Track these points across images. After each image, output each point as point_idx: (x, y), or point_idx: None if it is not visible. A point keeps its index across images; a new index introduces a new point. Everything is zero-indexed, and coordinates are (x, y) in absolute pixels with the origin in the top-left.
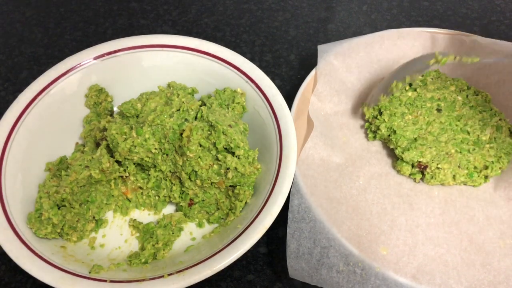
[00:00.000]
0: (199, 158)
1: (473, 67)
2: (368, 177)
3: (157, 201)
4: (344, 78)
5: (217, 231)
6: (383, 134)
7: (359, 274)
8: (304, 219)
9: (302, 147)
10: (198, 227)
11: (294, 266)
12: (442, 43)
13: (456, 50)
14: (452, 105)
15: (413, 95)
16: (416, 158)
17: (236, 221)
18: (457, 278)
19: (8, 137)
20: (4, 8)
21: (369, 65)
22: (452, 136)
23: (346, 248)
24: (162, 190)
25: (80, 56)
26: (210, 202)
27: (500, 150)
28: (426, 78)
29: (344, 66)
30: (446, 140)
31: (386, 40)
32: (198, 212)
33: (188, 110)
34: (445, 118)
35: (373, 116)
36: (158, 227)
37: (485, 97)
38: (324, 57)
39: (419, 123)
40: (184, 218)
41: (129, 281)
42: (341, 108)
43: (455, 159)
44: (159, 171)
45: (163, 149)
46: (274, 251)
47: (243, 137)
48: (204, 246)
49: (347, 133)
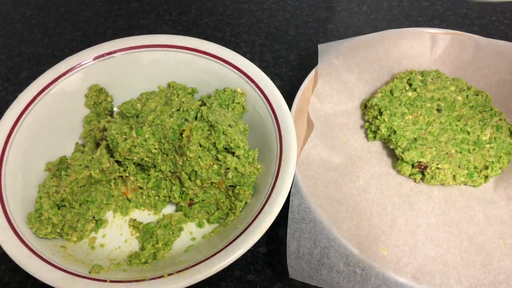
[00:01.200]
0: (199, 158)
1: (473, 67)
2: (368, 177)
3: (157, 201)
4: (345, 78)
5: (217, 231)
6: (383, 134)
7: (359, 274)
8: (304, 220)
9: (302, 147)
10: (198, 227)
11: (295, 267)
12: (442, 43)
13: (457, 51)
14: (452, 105)
15: (413, 95)
16: (416, 158)
17: (236, 221)
18: (457, 278)
19: (8, 137)
20: (4, 8)
21: (369, 65)
22: (452, 136)
23: (346, 248)
24: (162, 190)
25: (80, 56)
26: (210, 202)
27: (500, 150)
28: (426, 78)
29: (344, 66)
30: (446, 140)
31: (386, 40)
32: (198, 212)
33: (188, 110)
34: (445, 118)
35: (373, 116)
36: (158, 227)
37: (485, 97)
38: (324, 57)
39: (419, 123)
40: (184, 218)
41: (129, 281)
42: (341, 108)
43: (455, 159)
44: (159, 171)
45: (163, 149)
46: (274, 251)
47: (243, 137)
48: (204, 246)
49: (347, 133)
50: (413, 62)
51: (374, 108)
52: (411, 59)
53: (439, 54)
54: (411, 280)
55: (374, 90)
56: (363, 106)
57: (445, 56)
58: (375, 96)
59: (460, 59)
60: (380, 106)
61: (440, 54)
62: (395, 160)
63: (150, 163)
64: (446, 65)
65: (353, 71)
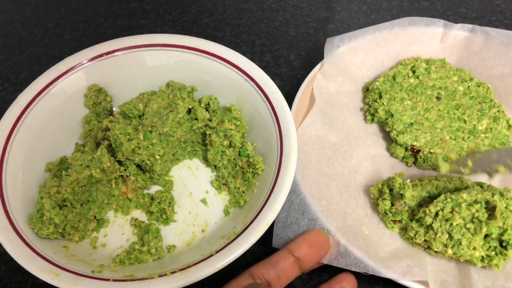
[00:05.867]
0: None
1: (478, 57)
2: (361, 158)
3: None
4: (348, 60)
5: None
6: (381, 116)
7: (343, 245)
8: (295, 192)
9: (300, 122)
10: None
11: (280, 234)
12: (453, 31)
13: (467, 40)
14: (452, 95)
15: (415, 82)
16: (410, 142)
17: (248, 205)
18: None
19: (9, 138)
20: (4, 8)
21: (375, 49)
22: (448, 123)
23: (333, 220)
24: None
25: (79, 56)
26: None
27: (495, 140)
28: (431, 66)
29: (349, 49)
30: (442, 127)
31: (396, 25)
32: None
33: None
34: (444, 106)
35: (373, 99)
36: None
37: (487, 89)
38: (330, 41)
39: (417, 109)
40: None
41: (132, 280)
42: (344, 88)
43: (449, 145)
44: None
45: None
46: (274, 251)
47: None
48: (206, 243)
49: (347, 113)
50: (422, 48)
51: (375, 91)
52: (420, 44)
53: (449, 42)
54: (390, 256)
55: (377, 74)
56: (365, 89)
57: (455, 45)
58: (377, 80)
59: (468, 49)
60: (381, 90)
61: (450, 42)
62: (390, 143)
63: (148, 167)
64: (453, 53)
65: (358, 55)
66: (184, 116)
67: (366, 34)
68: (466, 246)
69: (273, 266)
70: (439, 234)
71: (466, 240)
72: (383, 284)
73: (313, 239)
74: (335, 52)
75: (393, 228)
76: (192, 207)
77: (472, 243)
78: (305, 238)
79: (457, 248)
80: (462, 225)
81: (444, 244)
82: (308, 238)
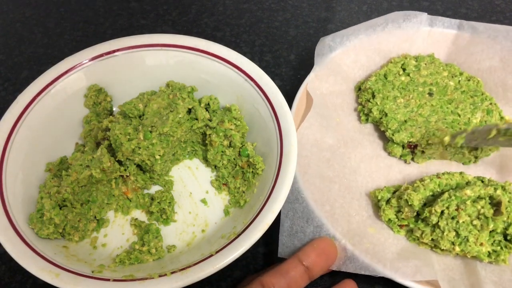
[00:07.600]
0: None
1: (466, 52)
2: (359, 159)
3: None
4: (339, 60)
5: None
6: (375, 117)
7: (350, 250)
8: (297, 200)
9: (298, 125)
10: (202, 232)
11: (286, 244)
12: (441, 28)
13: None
14: (443, 90)
15: (406, 80)
16: (406, 139)
17: (248, 205)
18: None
19: (9, 138)
20: (4, 8)
21: (366, 48)
22: (442, 117)
23: (339, 225)
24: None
25: (79, 56)
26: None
27: None
28: (420, 63)
29: (340, 48)
30: (436, 120)
31: (390, 22)
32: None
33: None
34: (436, 101)
35: (366, 99)
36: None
37: (477, 82)
38: (322, 40)
39: (410, 106)
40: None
41: (132, 280)
42: (336, 88)
43: (446, 132)
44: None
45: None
46: (274, 251)
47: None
48: (206, 243)
49: (341, 114)
50: (410, 45)
51: (367, 91)
52: (408, 40)
53: (436, 37)
54: (397, 257)
55: (369, 73)
56: (357, 88)
57: (443, 40)
58: (369, 80)
59: (456, 44)
60: (374, 90)
61: (438, 38)
62: (386, 142)
63: (148, 167)
64: (441, 48)
65: (349, 54)
66: (184, 116)
67: (359, 33)
68: (473, 242)
69: (284, 275)
70: (446, 232)
71: (473, 236)
72: (383, 284)
73: (322, 247)
74: (327, 52)
75: (399, 232)
76: (192, 207)
77: (479, 239)
78: (314, 247)
79: (465, 245)
80: (469, 222)
81: (452, 242)
82: (317, 247)
